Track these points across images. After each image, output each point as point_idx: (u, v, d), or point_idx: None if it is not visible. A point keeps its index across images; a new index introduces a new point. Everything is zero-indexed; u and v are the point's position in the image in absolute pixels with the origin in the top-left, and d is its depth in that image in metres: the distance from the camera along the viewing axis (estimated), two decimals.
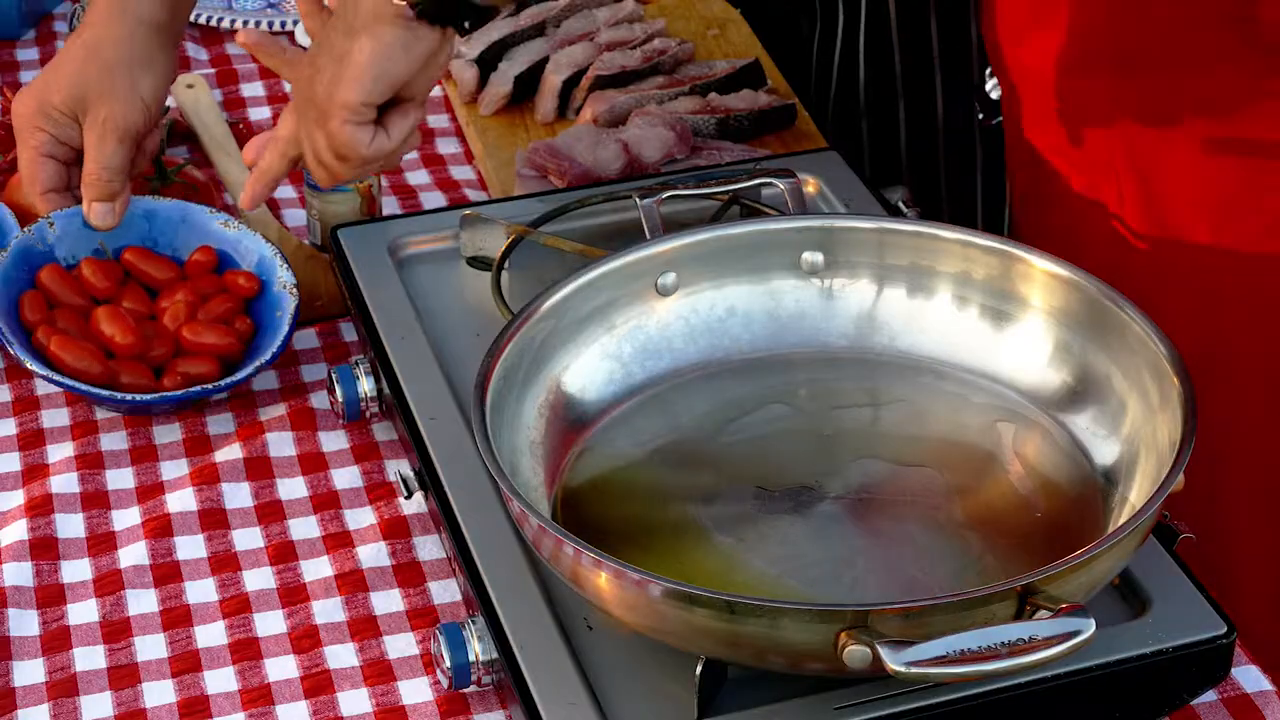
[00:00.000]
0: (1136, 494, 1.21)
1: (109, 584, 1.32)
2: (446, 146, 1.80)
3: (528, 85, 1.79)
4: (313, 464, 1.41)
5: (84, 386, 1.42)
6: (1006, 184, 1.80)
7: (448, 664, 1.19)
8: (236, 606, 1.30)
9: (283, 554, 1.34)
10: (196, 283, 1.52)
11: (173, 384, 1.44)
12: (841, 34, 1.98)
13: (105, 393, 1.42)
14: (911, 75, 1.98)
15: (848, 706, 1.12)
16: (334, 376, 1.42)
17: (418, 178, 1.75)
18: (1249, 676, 1.22)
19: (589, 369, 1.33)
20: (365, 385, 1.41)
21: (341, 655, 1.26)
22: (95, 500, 1.39)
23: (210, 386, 1.43)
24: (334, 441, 1.43)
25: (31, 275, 1.50)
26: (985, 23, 1.66)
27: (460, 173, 1.76)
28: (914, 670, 1.03)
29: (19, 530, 1.35)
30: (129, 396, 1.42)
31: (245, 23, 1.95)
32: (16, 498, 1.39)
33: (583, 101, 1.77)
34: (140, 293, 1.51)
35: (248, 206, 1.48)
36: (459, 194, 1.73)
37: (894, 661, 1.03)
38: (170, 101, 1.83)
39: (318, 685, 1.24)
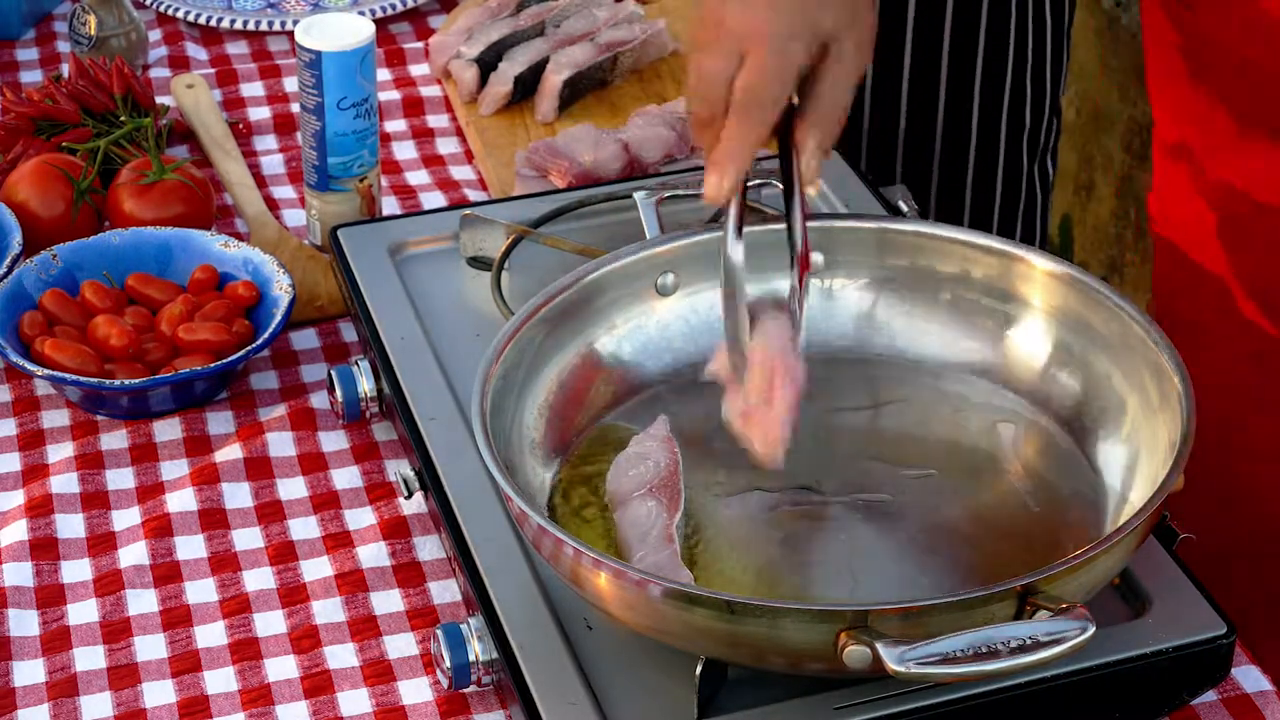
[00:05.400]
0: (1136, 494, 1.21)
1: (109, 584, 1.32)
2: (446, 146, 1.80)
3: (528, 85, 1.79)
4: (313, 464, 1.41)
5: (76, 378, 1.42)
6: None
7: (448, 664, 1.19)
8: (236, 606, 1.30)
9: (283, 554, 1.34)
10: (197, 296, 1.52)
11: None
12: None
13: (95, 381, 1.41)
14: (918, 78, 1.98)
15: (848, 706, 1.12)
16: (334, 376, 1.42)
17: (418, 178, 1.75)
18: (1249, 676, 1.22)
19: (589, 369, 1.33)
20: (365, 385, 1.41)
21: (341, 655, 1.26)
22: (95, 500, 1.39)
23: (202, 369, 1.43)
24: (334, 441, 1.43)
25: (33, 302, 1.50)
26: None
27: (460, 173, 1.76)
28: (914, 670, 1.03)
29: (19, 530, 1.35)
30: (119, 383, 1.41)
31: (245, 23, 1.95)
32: (16, 498, 1.39)
33: None
34: (142, 312, 1.51)
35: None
36: (459, 194, 1.73)
37: (894, 661, 1.03)
38: (170, 101, 1.83)
39: (318, 685, 1.24)
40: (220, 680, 1.25)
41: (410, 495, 1.33)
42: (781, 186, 1.24)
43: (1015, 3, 1.96)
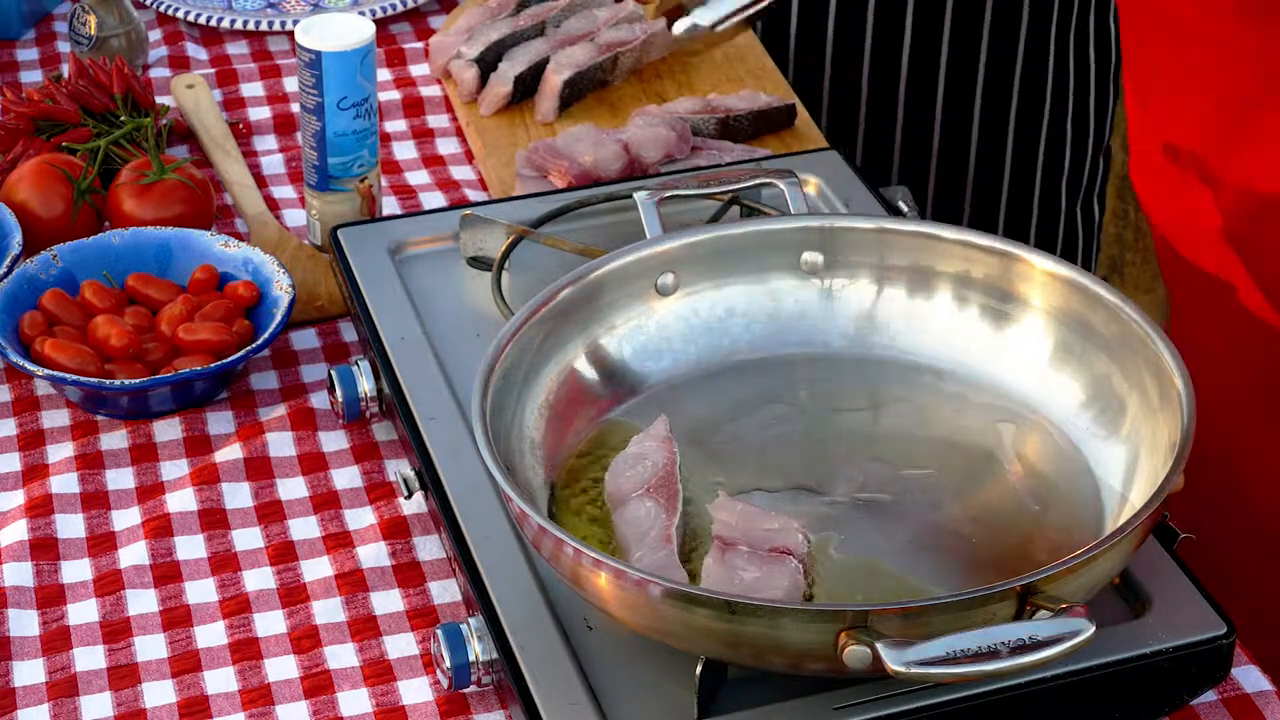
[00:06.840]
0: (1136, 494, 1.21)
1: (109, 584, 1.32)
2: (446, 146, 1.80)
3: (528, 85, 1.79)
4: (313, 464, 1.41)
5: (76, 378, 1.41)
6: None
7: (448, 664, 1.19)
8: (236, 606, 1.30)
9: (283, 554, 1.34)
10: (197, 296, 1.52)
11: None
12: (833, 31, 1.97)
13: (95, 381, 1.41)
14: (915, 76, 1.98)
15: (848, 706, 1.12)
16: (334, 376, 1.42)
17: (418, 178, 1.75)
18: (1249, 676, 1.22)
19: (589, 370, 1.33)
20: (365, 385, 1.41)
21: (341, 655, 1.26)
22: (95, 500, 1.39)
23: (202, 369, 1.43)
24: (334, 441, 1.43)
25: (33, 302, 1.50)
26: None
27: (460, 173, 1.76)
28: (914, 670, 1.03)
29: (19, 530, 1.35)
30: (119, 383, 1.41)
31: (245, 23, 1.95)
32: (16, 498, 1.39)
33: None
34: (142, 312, 1.51)
35: None
36: (459, 194, 1.73)
37: (894, 661, 1.03)
38: (170, 101, 1.83)
39: (318, 685, 1.24)
40: (220, 680, 1.25)
41: (410, 495, 1.33)
42: None
43: (1054, 45, 1.95)
